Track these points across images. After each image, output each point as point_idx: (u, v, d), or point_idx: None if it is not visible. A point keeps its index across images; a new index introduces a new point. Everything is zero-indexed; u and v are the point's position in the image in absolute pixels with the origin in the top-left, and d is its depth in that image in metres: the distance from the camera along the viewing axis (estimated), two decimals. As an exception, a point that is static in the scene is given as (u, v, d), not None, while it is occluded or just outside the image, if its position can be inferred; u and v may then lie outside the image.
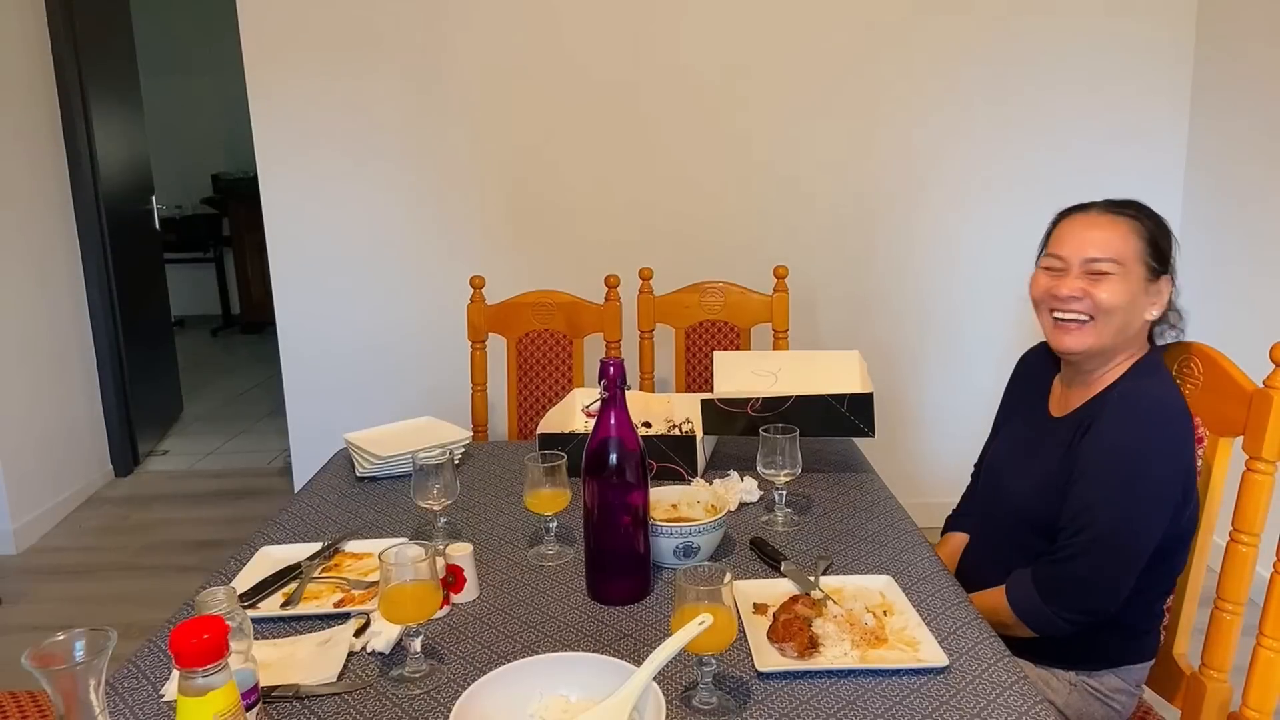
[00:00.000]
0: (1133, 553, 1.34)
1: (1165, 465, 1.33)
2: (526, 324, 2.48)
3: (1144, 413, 1.35)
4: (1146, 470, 1.33)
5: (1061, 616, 1.37)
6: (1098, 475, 1.36)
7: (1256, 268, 2.75)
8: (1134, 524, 1.33)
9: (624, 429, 1.27)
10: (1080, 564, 1.35)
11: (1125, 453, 1.34)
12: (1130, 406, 1.36)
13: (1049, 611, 1.37)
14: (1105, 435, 1.36)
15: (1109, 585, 1.35)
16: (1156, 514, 1.34)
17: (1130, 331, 1.42)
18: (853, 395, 1.70)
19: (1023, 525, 1.49)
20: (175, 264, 6.33)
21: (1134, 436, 1.34)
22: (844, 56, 3.05)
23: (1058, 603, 1.37)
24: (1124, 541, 1.33)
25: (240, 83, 3.16)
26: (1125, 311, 1.39)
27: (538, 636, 1.23)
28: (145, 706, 1.10)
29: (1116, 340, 1.41)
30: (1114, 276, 1.38)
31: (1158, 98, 3.05)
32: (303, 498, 1.76)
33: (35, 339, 3.53)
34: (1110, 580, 1.34)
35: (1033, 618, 1.40)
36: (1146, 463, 1.33)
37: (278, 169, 3.19)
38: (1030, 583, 1.40)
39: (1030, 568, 1.42)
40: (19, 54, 3.48)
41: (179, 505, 3.76)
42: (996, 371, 3.16)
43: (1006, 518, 1.54)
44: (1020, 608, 1.40)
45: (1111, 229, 1.41)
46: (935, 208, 3.14)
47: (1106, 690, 1.46)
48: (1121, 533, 1.33)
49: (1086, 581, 1.35)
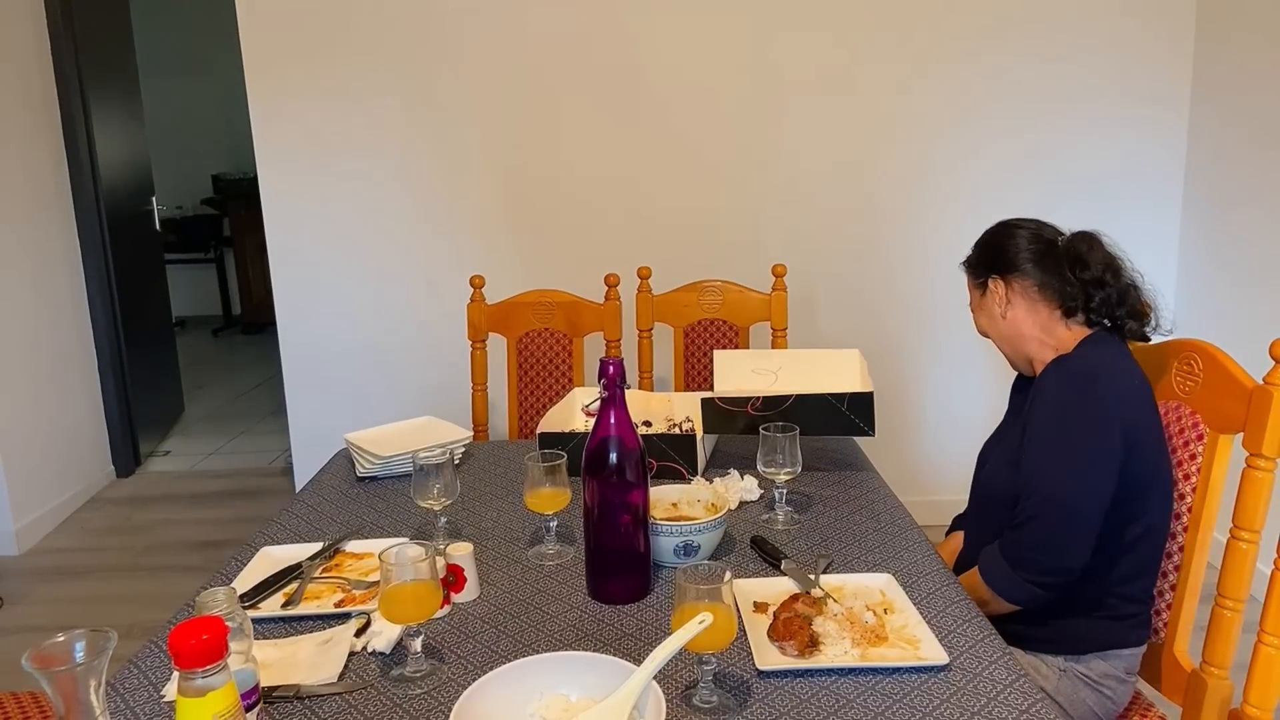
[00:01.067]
0: (1079, 509, 1.38)
1: (1095, 419, 1.39)
2: (526, 323, 2.48)
3: (1068, 373, 1.44)
4: (1076, 425, 1.40)
5: (1031, 581, 1.41)
6: (1037, 440, 1.43)
7: (1256, 266, 2.74)
8: (1074, 479, 1.38)
9: (624, 428, 1.28)
10: (1036, 526, 1.40)
11: (1054, 412, 1.43)
12: (1059, 371, 1.46)
13: (1018, 578, 1.42)
14: (1038, 402, 1.46)
15: (1066, 543, 1.39)
16: (1095, 468, 1.38)
17: (1006, 338, 1.59)
18: (853, 394, 1.70)
19: (997, 502, 1.53)
20: (176, 264, 6.33)
21: (1060, 396, 1.43)
22: (844, 56, 3.05)
23: (1024, 566, 1.41)
24: (1068, 498, 1.38)
25: (240, 83, 3.16)
26: (989, 330, 1.62)
27: (538, 636, 1.23)
28: (145, 707, 1.10)
29: (1007, 349, 1.61)
30: (974, 313, 1.65)
31: (1158, 98, 3.05)
32: (303, 498, 1.76)
33: (36, 340, 3.53)
34: (1066, 538, 1.39)
35: (1005, 588, 1.44)
36: (1075, 418, 1.40)
37: (278, 169, 3.19)
38: (998, 554, 1.45)
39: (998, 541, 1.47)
40: (19, 55, 3.48)
41: (180, 506, 3.77)
42: (996, 370, 3.17)
43: (988, 502, 1.60)
44: (991, 579, 1.45)
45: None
46: (935, 206, 3.14)
47: (1095, 676, 1.47)
48: (1065, 490, 1.38)
49: (1044, 543, 1.40)
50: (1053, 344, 1.53)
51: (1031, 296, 1.53)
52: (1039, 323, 1.54)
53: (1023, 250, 1.54)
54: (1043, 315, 1.53)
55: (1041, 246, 1.54)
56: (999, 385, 1.77)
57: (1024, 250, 1.54)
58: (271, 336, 3.69)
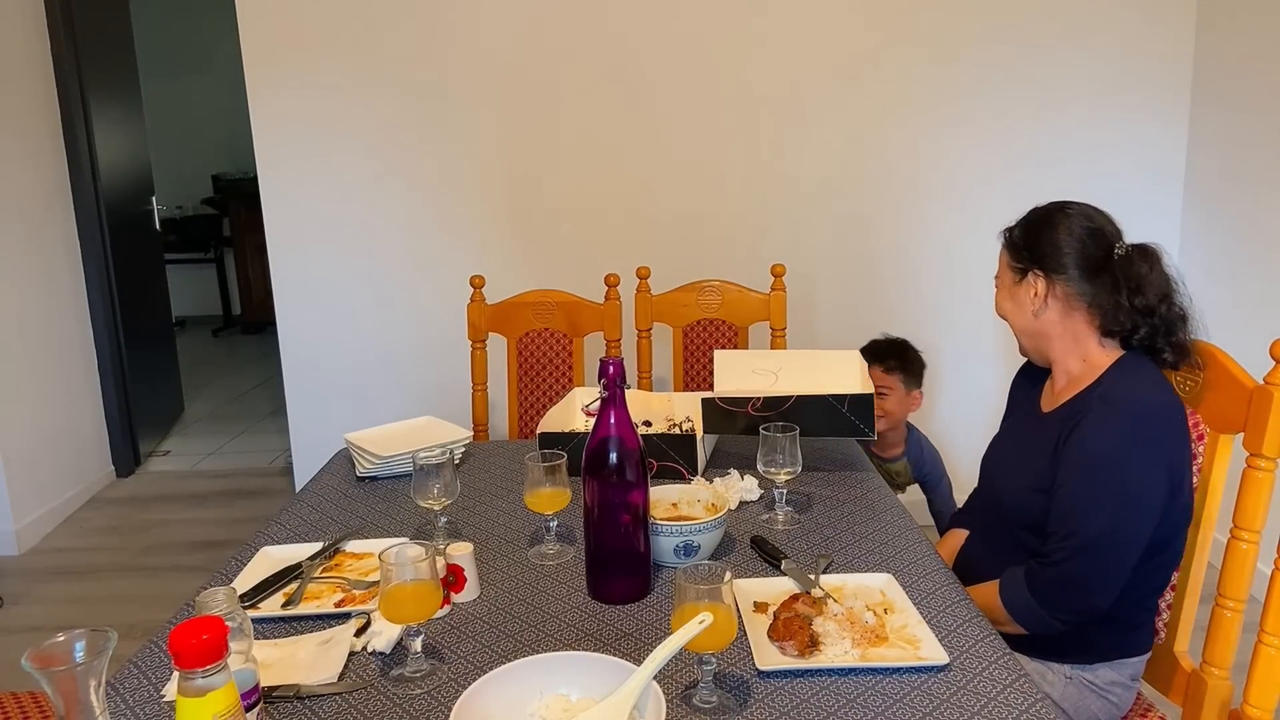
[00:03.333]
0: (1120, 554, 1.35)
1: (1144, 465, 1.34)
2: (526, 323, 2.48)
3: (1121, 414, 1.36)
4: (1125, 472, 1.34)
5: (1055, 616, 1.39)
6: (1080, 479, 1.37)
7: (1256, 266, 2.74)
8: (1118, 527, 1.34)
9: (624, 428, 1.27)
10: (1069, 567, 1.36)
11: (1103, 456, 1.35)
12: (1109, 408, 1.37)
13: (1042, 612, 1.39)
14: (1085, 439, 1.37)
15: (1098, 586, 1.36)
16: (1140, 515, 1.34)
17: (1026, 330, 1.50)
18: (854, 396, 1.70)
19: (1015, 522, 1.50)
20: (176, 264, 6.32)
21: (1111, 439, 1.35)
22: (845, 57, 3.05)
23: (1050, 604, 1.38)
24: (1109, 544, 1.34)
25: (240, 83, 3.16)
26: (1012, 316, 1.52)
27: (538, 636, 1.23)
28: (145, 707, 1.10)
29: (1024, 339, 1.53)
30: (997, 288, 1.55)
31: (1158, 99, 3.04)
32: (303, 498, 1.76)
33: (36, 340, 3.53)
34: (1099, 582, 1.36)
35: (1025, 616, 1.41)
36: (1125, 465, 1.34)
37: (278, 169, 3.19)
38: (1023, 582, 1.41)
39: (1022, 568, 1.43)
40: (19, 54, 3.48)
41: (180, 506, 3.77)
42: (995, 370, 3.17)
43: (1000, 514, 1.56)
44: (1012, 606, 1.42)
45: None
46: (935, 207, 3.14)
47: (1102, 684, 1.47)
48: (1106, 536, 1.34)
49: (1076, 584, 1.37)
50: (1078, 355, 1.45)
51: (1072, 305, 1.43)
52: (1071, 332, 1.45)
53: (1075, 252, 1.41)
54: (1078, 327, 1.44)
55: (1098, 254, 1.41)
56: (998, 386, 1.77)
57: (1077, 252, 1.41)
58: (271, 336, 3.69)
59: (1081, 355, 1.46)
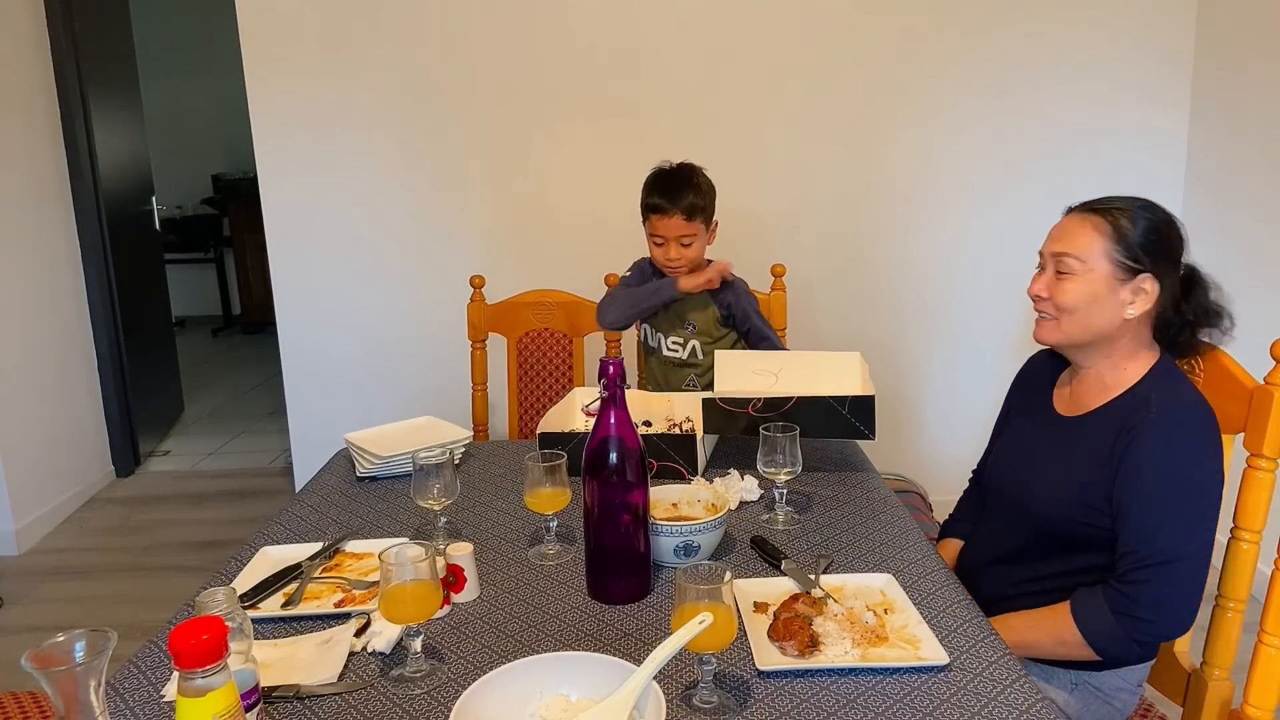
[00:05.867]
0: (1202, 567, 1.32)
1: (1216, 472, 1.33)
2: (526, 323, 2.48)
3: (1191, 429, 1.33)
4: (1202, 487, 1.32)
5: (1139, 638, 1.33)
6: (1159, 496, 1.33)
7: (1256, 267, 2.74)
8: (1206, 540, 1.32)
9: (624, 428, 1.27)
10: (1155, 587, 1.31)
11: (1183, 474, 1.32)
12: (1177, 422, 1.34)
13: (1122, 634, 1.33)
14: (1158, 455, 1.33)
15: (1185, 605, 1.32)
16: (1214, 524, 1.33)
17: (1101, 328, 1.40)
18: (854, 397, 1.70)
19: (1037, 528, 1.47)
20: (176, 264, 6.33)
21: (1188, 455, 1.33)
22: (846, 57, 3.05)
23: (1134, 626, 1.32)
24: (1195, 559, 1.31)
25: (240, 83, 3.16)
26: (1086, 310, 1.39)
27: (538, 636, 1.23)
28: (145, 707, 1.10)
29: (1086, 337, 1.41)
30: (1075, 276, 1.40)
31: (1158, 100, 3.04)
32: (303, 498, 1.76)
33: (36, 340, 3.53)
34: (1186, 600, 1.32)
35: (1106, 642, 1.35)
36: (1201, 479, 1.32)
37: (278, 169, 3.19)
38: (1104, 605, 1.35)
39: (1095, 590, 1.37)
40: (19, 54, 3.48)
41: (180, 506, 3.76)
42: (997, 371, 3.16)
43: (1017, 521, 1.51)
44: (1091, 631, 1.35)
45: (1078, 228, 1.41)
46: (935, 209, 3.14)
47: (1108, 690, 1.46)
48: (1192, 552, 1.31)
49: (1162, 604, 1.32)
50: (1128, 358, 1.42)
51: (1148, 302, 1.39)
52: (1137, 335, 1.42)
53: (1180, 257, 1.41)
54: (1145, 330, 1.42)
55: (1190, 267, 1.42)
56: (999, 387, 1.76)
57: (1180, 258, 1.41)
58: (271, 336, 3.69)
59: (1130, 357, 1.42)
